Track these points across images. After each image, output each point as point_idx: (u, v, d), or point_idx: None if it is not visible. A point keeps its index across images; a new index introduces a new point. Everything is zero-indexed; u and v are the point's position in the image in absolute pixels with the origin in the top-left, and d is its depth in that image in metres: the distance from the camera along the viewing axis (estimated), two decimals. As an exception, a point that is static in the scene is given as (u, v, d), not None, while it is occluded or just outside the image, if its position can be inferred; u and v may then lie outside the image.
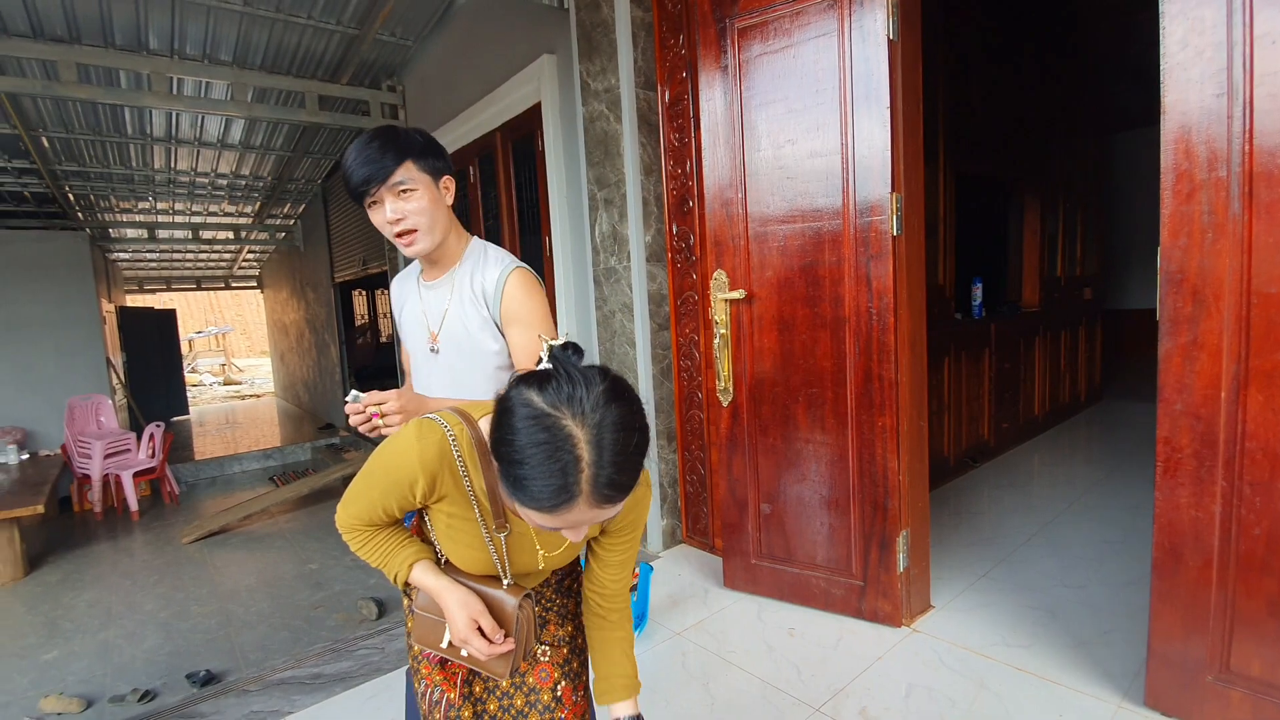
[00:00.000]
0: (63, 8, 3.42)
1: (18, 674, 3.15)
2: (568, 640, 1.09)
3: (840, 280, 1.99)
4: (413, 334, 1.31)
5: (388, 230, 1.17)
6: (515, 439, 0.71)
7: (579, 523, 0.75)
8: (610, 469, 0.71)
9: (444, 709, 1.02)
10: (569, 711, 1.06)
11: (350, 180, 1.14)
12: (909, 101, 1.95)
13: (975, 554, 2.61)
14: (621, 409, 0.72)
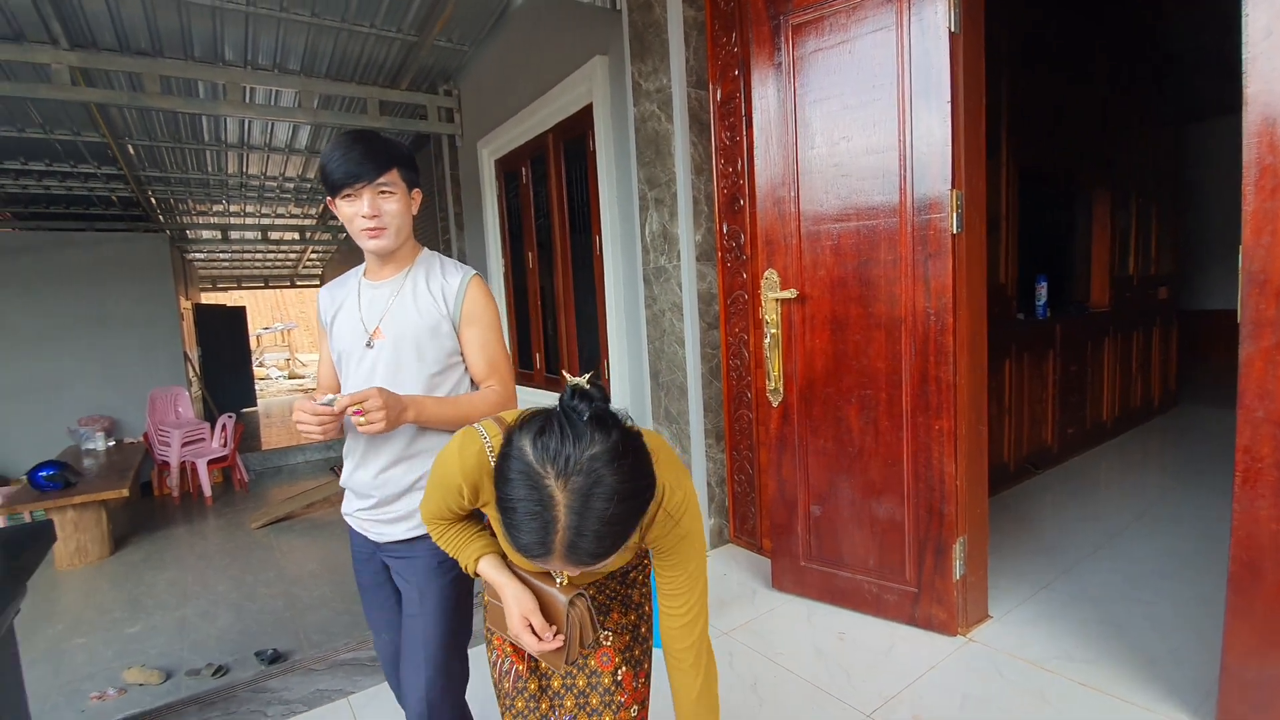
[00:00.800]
0: (146, 22, 3.65)
1: (104, 645, 3.39)
2: (629, 628, 1.13)
3: (896, 279, 1.95)
4: (346, 334, 1.30)
5: (358, 222, 1.21)
6: (505, 488, 0.74)
7: (563, 570, 0.79)
8: (584, 538, 0.71)
9: (513, 679, 1.10)
10: (628, 696, 1.10)
11: (337, 171, 1.18)
12: (971, 95, 1.89)
13: (1036, 564, 2.52)
14: (611, 479, 0.71)
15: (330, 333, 1.34)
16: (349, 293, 1.32)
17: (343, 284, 1.36)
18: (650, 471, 0.79)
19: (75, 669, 3.16)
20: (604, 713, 1.09)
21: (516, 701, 1.10)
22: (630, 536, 0.76)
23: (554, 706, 1.10)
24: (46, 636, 3.51)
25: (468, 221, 5.14)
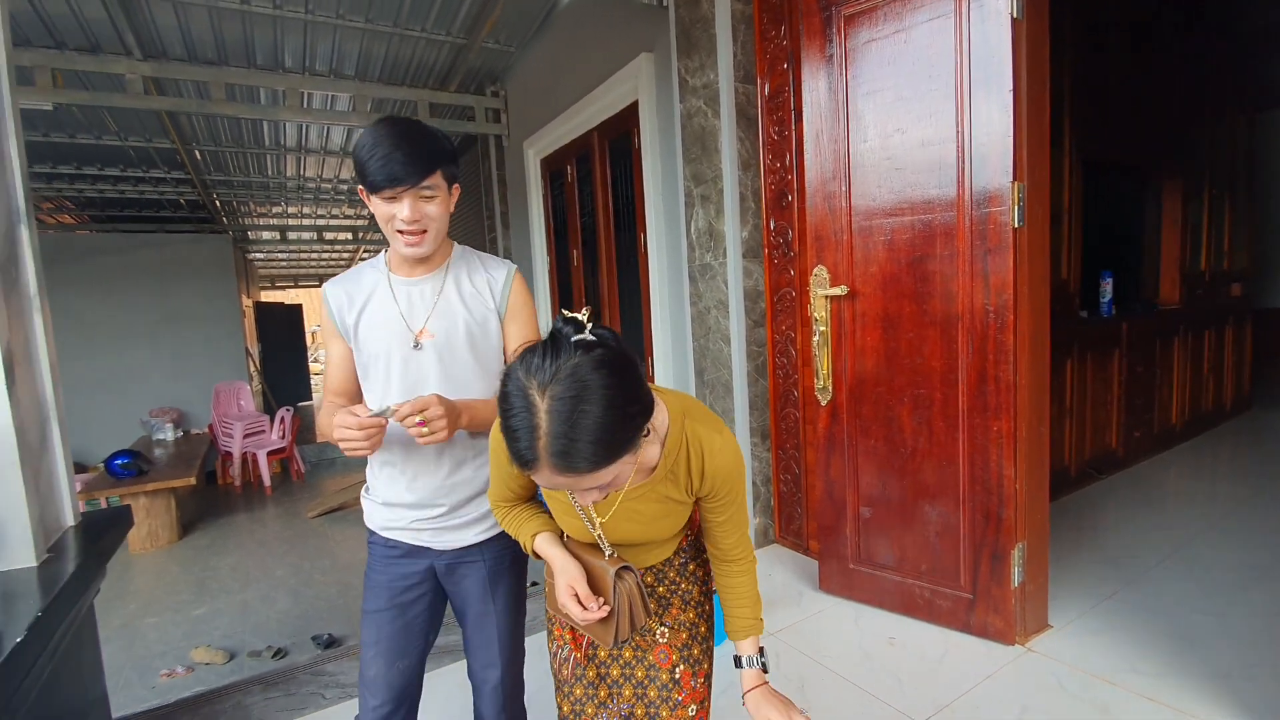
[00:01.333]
0: (213, 33, 3.82)
1: (173, 626, 3.58)
2: (688, 626, 1.13)
3: (953, 275, 1.89)
4: (382, 335, 1.20)
5: (396, 225, 1.12)
6: (501, 404, 0.79)
7: (559, 485, 0.79)
8: (561, 439, 0.73)
9: (571, 666, 1.12)
10: (686, 695, 1.10)
11: (378, 172, 1.07)
12: (1034, 84, 1.82)
13: (1099, 573, 2.41)
14: (595, 383, 0.74)
15: (354, 335, 1.21)
16: (375, 289, 1.21)
17: (358, 280, 1.23)
18: (640, 392, 0.80)
19: (147, 646, 3.34)
20: (660, 707, 1.09)
21: (575, 689, 1.12)
22: (621, 453, 0.78)
23: (611, 695, 1.11)
24: (121, 615, 3.72)
25: (513, 220, 5.21)
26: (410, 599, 1.26)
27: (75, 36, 3.66)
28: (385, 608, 1.25)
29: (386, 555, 1.26)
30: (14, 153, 1.60)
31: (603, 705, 1.10)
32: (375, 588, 1.26)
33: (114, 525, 1.77)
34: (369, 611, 1.26)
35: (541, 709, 1.64)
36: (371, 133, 1.10)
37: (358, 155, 1.10)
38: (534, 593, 2.62)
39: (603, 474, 0.77)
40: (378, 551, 1.27)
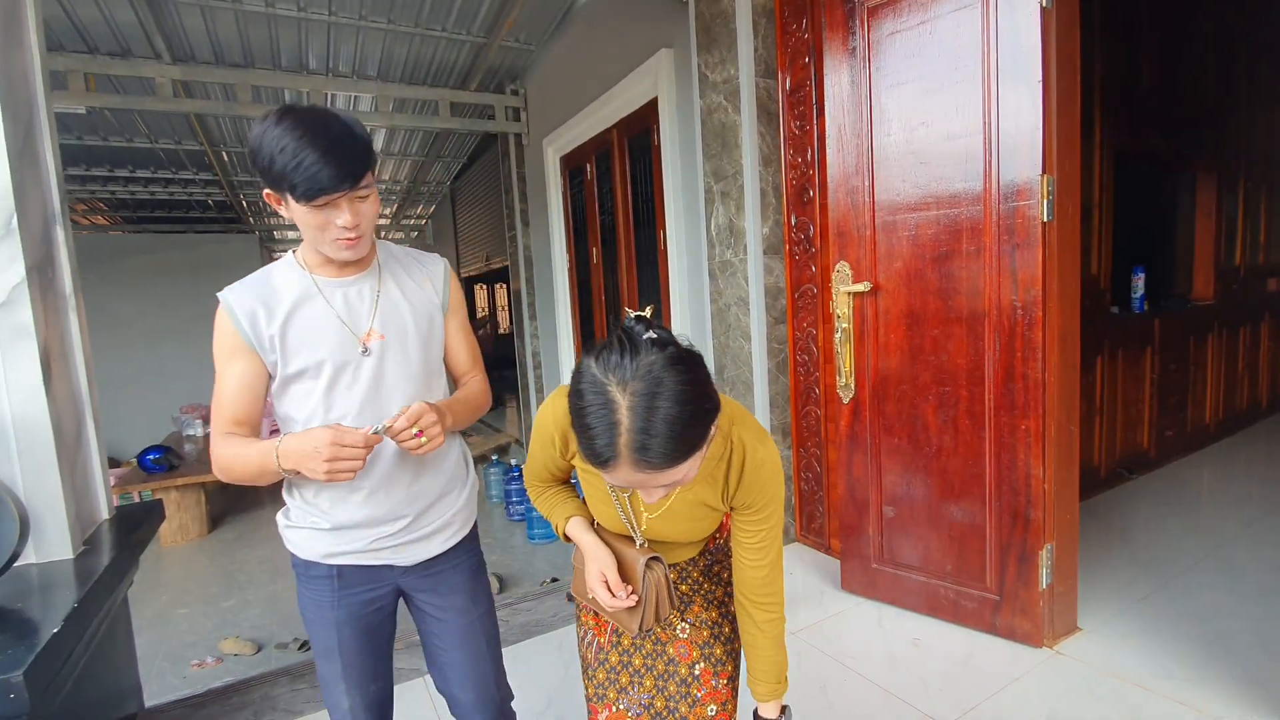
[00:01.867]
0: (239, 36, 3.89)
1: (204, 617, 3.66)
2: (710, 625, 1.12)
3: (979, 271, 1.86)
4: (321, 343, 1.06)
5: (332, 233, 0.99)
6: (575, 401, 0.79)
7: (633, 482, 0.79)
8: (643, 435, 0.74)
9: (595, 649, 1.13)
10: (705, 693, 1.09)
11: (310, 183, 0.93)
12: (1064, 74, 1.78)
13: (1131, 575, 2.35)
14: (670, 381, 0.75)
15: (279, 347, 1.05)
16: (301, 295, 1.06)
17: (269, 286, 1.07)
18: (711, 390, 0.81)
19: (179, 637, 3.42)
20: (680, 703, 1.09)
21: (598, 673, 1.14)
22: (696, 449, 0.78)
23: (633, 683, 1.11)
24: (154, 606, 3.82)
25: (533, 218, 5.24)
26: (376, 621, 1.17)
27: (107, 41, 3.75)
28: (349, 641, 1.14)
29: (336, 587, 1.13)
30: (49, 155, 1.64)
31: (623, 691, 1.11)
32: (325, 625, 1.13)
33: (147, 519, 1.81)
34: (327, 649, 1.14)
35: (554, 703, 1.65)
36: (284, 134, 0.92)
37: (272, 161, 0.93)
38: (554, 588, 2.64)
39: (678, 470, 0.78)
40: (320, 585, 1.13)
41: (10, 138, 1.42)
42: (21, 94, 1.53)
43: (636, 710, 1.10)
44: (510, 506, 4.86)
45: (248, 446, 1.03)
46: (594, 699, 1.14)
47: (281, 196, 0.98)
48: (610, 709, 1.12)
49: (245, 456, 1.03)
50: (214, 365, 1.08)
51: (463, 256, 8.36)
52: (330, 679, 1.17)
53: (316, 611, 1.15)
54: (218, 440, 1.06)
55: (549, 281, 5.03)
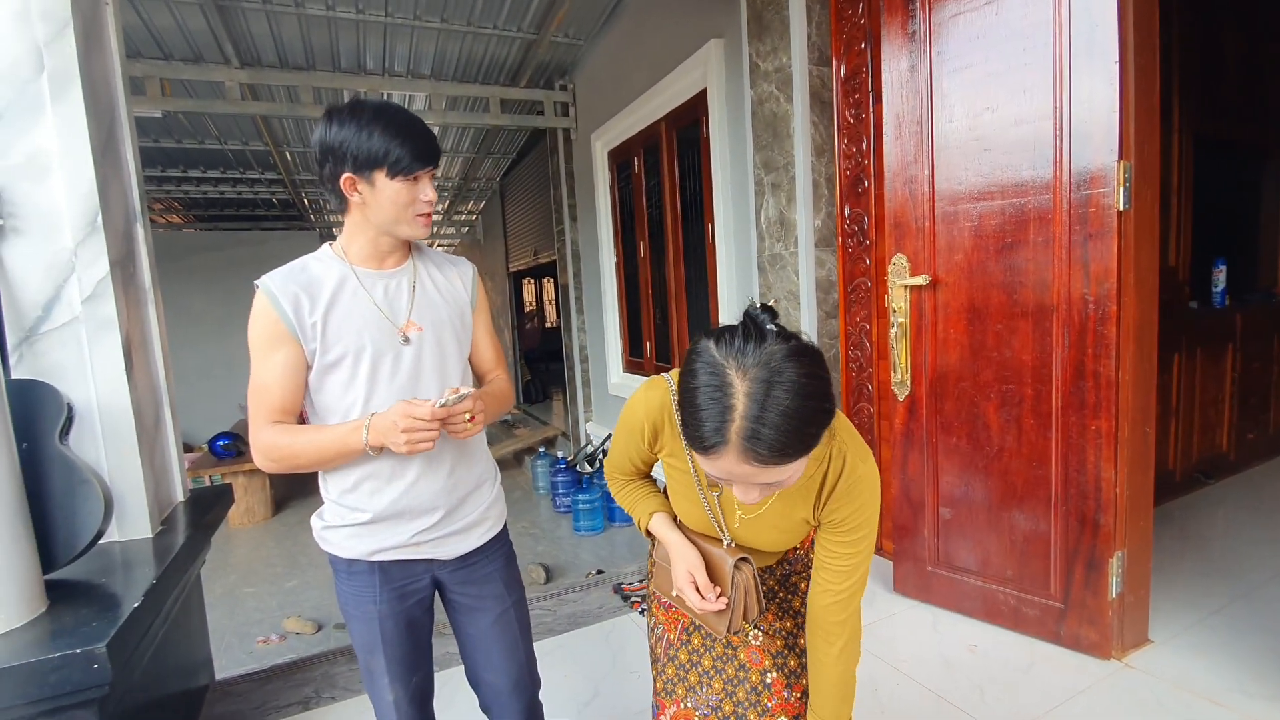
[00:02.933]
0: (302, 40, 4.03)
1: (269, 596, 3.84)
2: (785, 635, 1.09)
3: (1047, 263, 1.77)
4: (360, 332, 1.08)
5: (414, 208, 1.07)
6: (687, 380, 0.76)
7: (735, 475, 0.75)
8: (757, 424, 0.70)
9: (664, 645, 1.12)
10: (776, 703, 1.06)
11: (411, 150, 1.02)
12: (1143, 53, 1.67)
13: (1206, 586, 2.21)
14: (791, 372, 0.71)
15: (320, 335, 1.06)
16: (341, 284, 1.09)
17: (308, 275, 1.09)
18: (829, 388, 0.76)
19: (246, 614, 3.61)
20: (749, 711, 1.06)
21: (667, 668, 1.13)
22: (808, 449, 0.73)
23: (701, 683, 1.10)
24: (223, 584, 4.03)
25: (581, 213, 5.27)
26: (417, 614, 1.19)
27: (180, 47, 3.94)
28: (392, 635, 1.15)
29: (378, 582, 1.14)
30: (130, 156, 1.73)
31: (692, 690, 1.09)
32: (368, 620, 1.15)
33: (218, 501, 1.91)
34: (370, 644, 1.16)
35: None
36: (375, 118, 1.02)
37: (370, 138, 1.00)
38: (600, 580, 2.66)
39: (785, 470, 0.74)
40: (361, 581, 1.15)
41: (94, 139, 1.51)
42: (104, 98, 1.62)
43: (704, 711, 1.08)
44: (557, 498, 4.92)
45: (322, 432, 1.05)
46: (662, 693, 1.13)
47: (367, 177, 1.03)
48: (678, 705, 1.10)
49: (321, 441, 1.05)
50: (251, 355, 1.09)
51: (511, 251, 8.48)
52: (374, 672, 1.18)
53: (358, 607, 1.16)
54: (266, 430, 1.07)
55: (596, 276, 5.06)
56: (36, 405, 1.35)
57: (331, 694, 1.94)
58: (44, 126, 1.45)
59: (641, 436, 0.97)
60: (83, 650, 1.07)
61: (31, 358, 1.46)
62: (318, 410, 1.12)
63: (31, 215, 1.44)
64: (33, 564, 1.21)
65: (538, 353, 9.65)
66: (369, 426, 1.02)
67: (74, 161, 1.47)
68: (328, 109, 1.06)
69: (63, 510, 1.32)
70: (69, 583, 1.33)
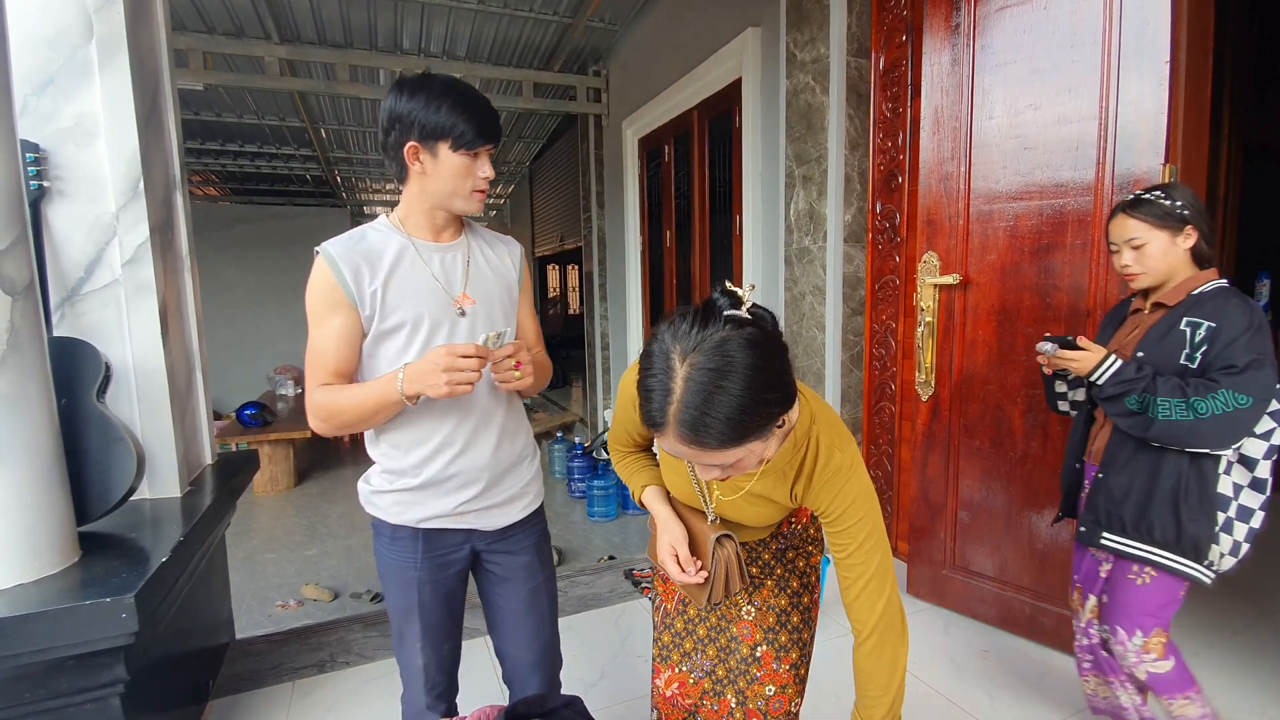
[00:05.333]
0: (341, 17, 4.07)
1: (288, 564, 3.94)
2: (777, 611, 1.11)
3: (1084, 267, 1.72)
4: (418, 302, 1.10)
5: (472, 183, 1.09)
6: (642, 359, 0.78)
7: (682, 455, 0.77)
8: (689, 410, 0.71)
9: (662, 614, 1.17)
10: (765, 674, 1.10)
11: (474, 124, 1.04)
12: (1195, 55, 1.61)
13: (1230, 605, 2.16)
14: (732, 360, 0.71)
15: (380, 302, 1.08)
16: (400, 255, 1.10)
17: (366, 244, 1.10)
18: (783, 381, 0.76)
19: (266, 579, 3.70)
20: (739, 679, 1.11)
21: (664, 635, 1.17)
22: (749, 437, 0.74)
23: (696, 649, 1.14)
24: (245, 549, 4.13)
25: (608, 200, 5.26)
26: (454, 584, 1.21)
27: (223, 21, 4.00)
28: (429, 601, 1.18)
29: (421, 549, 1.17)
30: (172, 127, 1.77)
31: (687, 655, 1.14)
32: (407, 585, 1.18)
33: (244, 467, 1.95)
34: (406, 608, 1.18)
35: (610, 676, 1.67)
36: (446, 91, 1.05)
37: (438, 110, 1.03)
38: (611, 565, 2.68)
39: (727, 454, 0.75)
40: (404, 546, 1.17)
41: (139, 107, 1.55)
42: (149, 67, 1.66)
43: (698, 675, 1.13)
44: (572, 484, 4.96)
45: (361, 387, 1.07)
46: (658, 659, 1.17)
47: (431, 147, 1.06)
48: (673, 669, 1.15)
49: (360, 396, 1.06)
50: (308, 319, 1.10)
51: (537, 236, 8.51)
52: (406, 637, 1.21)
53: (399, 572, 1.18)
54: (318, 391, 1.09)
55: (621, 264, 5.06)
56: (76, 363, 1.39)
57: (346, 659, 1.99)
58: (91, 92, 1.48)
59: (635, 408, 0.95)
60: (112, 600, 1.11)
61: (73, 317, 1.51)
62: (369, 378, 1.14)
63: (77, 178, 1.49)
64: (67, 515, 1.26)
65: (559, 339, 9.69)
66: (403, 375, 1.03)
67: (119, 127, 1.51)
68: (398, 79, 1.08)
69: (97, 465, 1.37)
70: (101, 535, 1.38)
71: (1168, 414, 1.19)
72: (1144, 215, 1.29)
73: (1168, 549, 1.28)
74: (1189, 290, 1.28)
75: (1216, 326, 1.21)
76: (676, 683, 1.14)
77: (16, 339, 1.14)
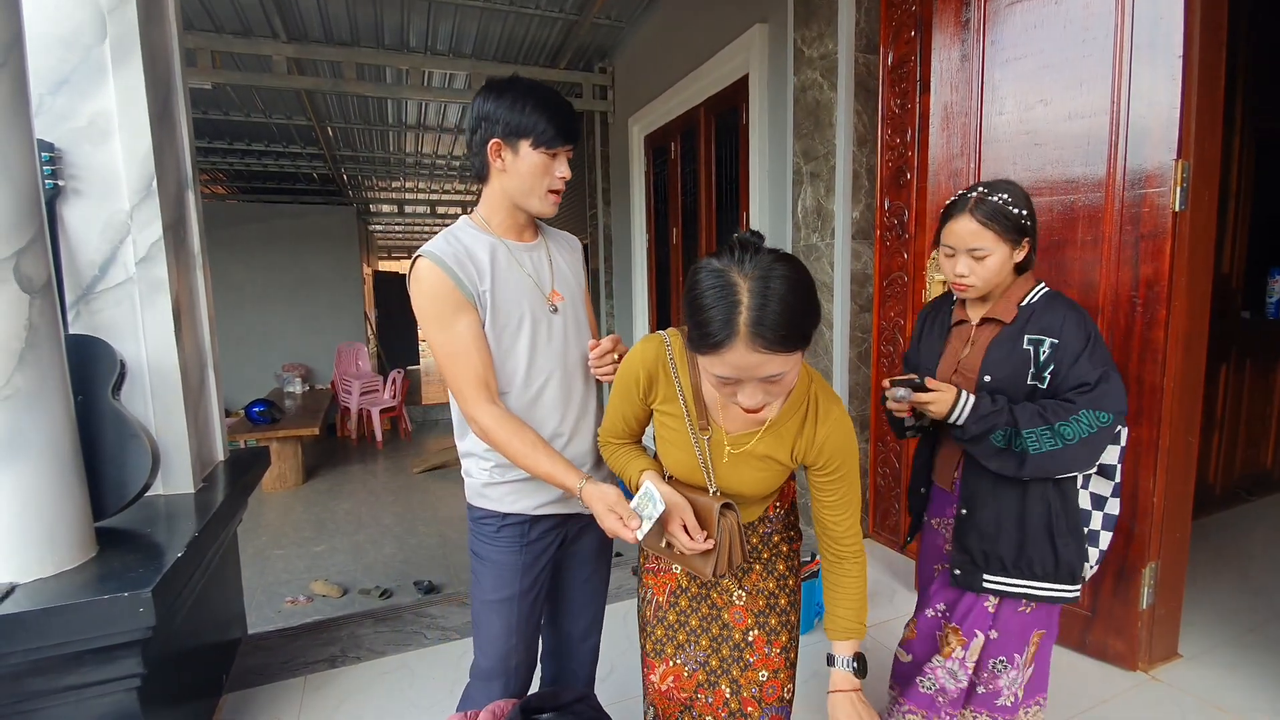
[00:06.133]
0: (348, 15, 4.08)
1: (297, 559, 3.96)
2: (767, 594, 1.15)
3: (1095, 263, 1.72)
4: (519, 299, 1.14)
5: (549, 183, 1.12)
6: (692, 289, 0.85)
7: (743, 368, 0.82)
8: (761, 312, 0.79)
9: (654, 608, 1.18)
10: (758, 659, 1.13)
11: (558, 125, 1.08)
12: (1208, 48, 1.60)
13: (1241, 604, 2.15)
14: (782, 271, 0.81)
15: (491, 304, 1.10)
16: (495, 255, 1.13)
17: (464, 245, 1.11)
18: (815, 290, 0.86)
19: (275, 574, 3.73)
20: (732, 666, 1.14)
21: (657, 629, 1.19)
22: (804, 343, 0.83)
23: (690, 640, 1.16)
24: (255, 545, 4.17)
25: (614, 198, 5.26)
26: (547, 574, 1.24)
27: (231, 20, 4.02)
28: (529, 588, 1.20)
29: (527, 536, 1.19)
30: (184, 125, 1.78)
31: (680, 648, 1.16)
32: (510, 570, 1.19)
33: (255, 463, 1.97)
34: (504, 599, 1.18)
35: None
36: (531, 90, 1.09)
37: (522, 109, 1.07)
38: (619, 563, 2.68)
39: (786, 360, 0.82)
40: (512, 533, 1.19)
41: (152, 106, 1.56)
42: (162, 66, 1.67)
43: (692, 667, 1.15)
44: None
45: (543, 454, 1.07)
46: (651, 654, 1.19)
47: (513, 145, 1.09)
48: (667, 663, 1.17)
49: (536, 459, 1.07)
50: (427, 325, 1.09)
51: (544, 234, 8.50)
52: (500, 632, 1.20)
53: (502, 559, 1.19)
54: (489, 417, 1.08)
55: (627, 261, 5.06)
56: (92, 360, 1.41)
57: (357, 654, 2.00)
58: (105, 91, 1.49)
59: (637, 387, 1.06)
60: (130, 594, 1.12)
61: (88, 315, 1.52)
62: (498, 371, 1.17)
63: (91, 177, 1.50)
64: (85, 511, 1.27)
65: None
66: (585, 489, 1.05)
67: (132, 126, 1.52)
68: (486, 81, 1.14)
69: (113, 462, 1.39)
70: (117, 531, 1.39)
71: (1037, 446, 1.14)
72: (996, 225, 1.17)
73: (1049, 580, 1.23)
74: (1018, 301, 1.22)
75: (1059, 343, 1.16)
76: (671, 676, 1.17)
77: (35, 336, 1.15)
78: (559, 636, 1.37)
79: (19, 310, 1.13)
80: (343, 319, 8.65)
